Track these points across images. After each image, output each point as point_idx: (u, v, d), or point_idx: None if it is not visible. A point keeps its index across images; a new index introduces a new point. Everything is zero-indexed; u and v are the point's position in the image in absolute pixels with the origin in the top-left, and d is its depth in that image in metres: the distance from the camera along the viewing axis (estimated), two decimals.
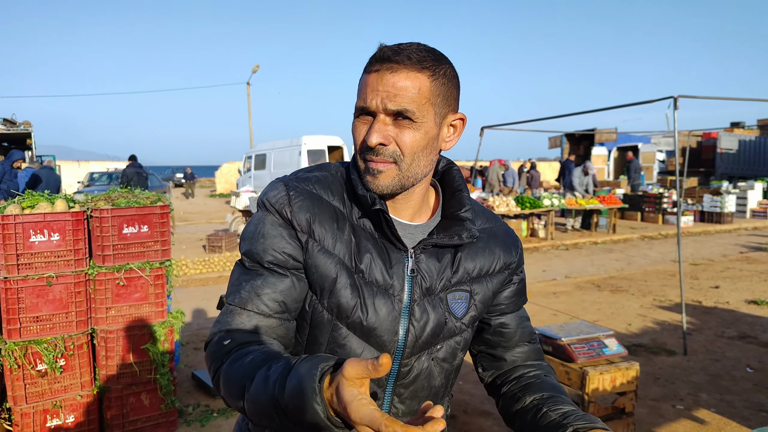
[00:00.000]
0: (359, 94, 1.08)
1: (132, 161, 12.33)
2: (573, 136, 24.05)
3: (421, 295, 1.15)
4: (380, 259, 1.13)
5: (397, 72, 1.04)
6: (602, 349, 3.32)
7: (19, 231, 3.17)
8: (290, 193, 1.12)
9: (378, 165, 1.07)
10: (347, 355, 1.12)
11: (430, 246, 1.15)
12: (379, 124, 1.05)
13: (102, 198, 3.53)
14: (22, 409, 3.20)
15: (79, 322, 3.32)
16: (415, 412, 1.18)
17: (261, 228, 1.12)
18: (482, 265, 1.22)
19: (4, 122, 18.10)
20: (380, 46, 1.07)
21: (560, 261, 10.45)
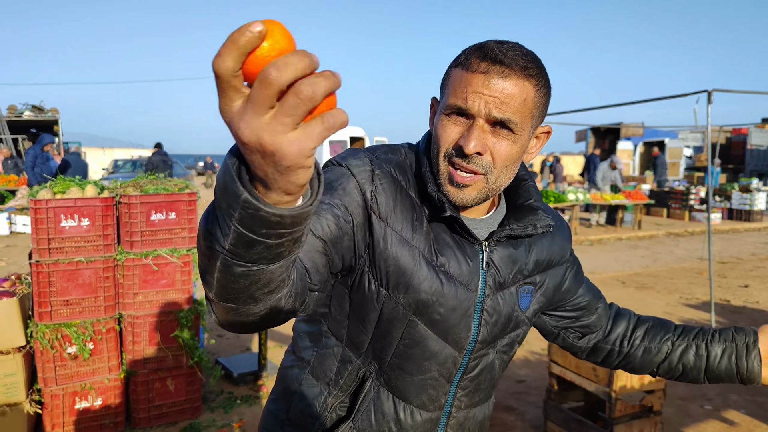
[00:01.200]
0: (455, 92, 0.99)
1: (158, 149, 12.45)
2: (598, 130, 23.74)
3: (494, 288, 1.11)
4: (459, 252, 1.07)
5: (507, 78, 0.96)
6: None
7: (50, 215, 3.20)
8: (375, 171, 1.04)
9: (465, 178, 1.01)
10: (426, 351, 1.09)
11: (504, 238, 1.10)
12: (478, 131, 0.97)
13: (131, 184, 3.55)
14: (52, 390, 3.25)
15: (107, 306, 3.36)
16: (473, 406, 1.20)
17: (343, 183, 1.01)
18: (547, 257, 1.18)
19: (33, 109, 18.43)
20: (487, 43, 0.99)
21: (584, 256, 10.33)
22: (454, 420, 1.18)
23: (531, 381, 4.41)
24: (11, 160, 15.69)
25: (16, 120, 17.90)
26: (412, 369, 1.09)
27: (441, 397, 1.13)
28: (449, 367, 1.11)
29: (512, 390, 4.24)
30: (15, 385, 3.15)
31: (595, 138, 24.29)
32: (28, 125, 18.95)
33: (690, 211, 15.38)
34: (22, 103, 18.26)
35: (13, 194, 12.97)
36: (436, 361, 1.09)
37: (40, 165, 9.90)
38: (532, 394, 4.15)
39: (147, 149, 27.67)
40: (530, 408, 3.94)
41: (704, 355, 1.25)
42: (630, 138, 24.14)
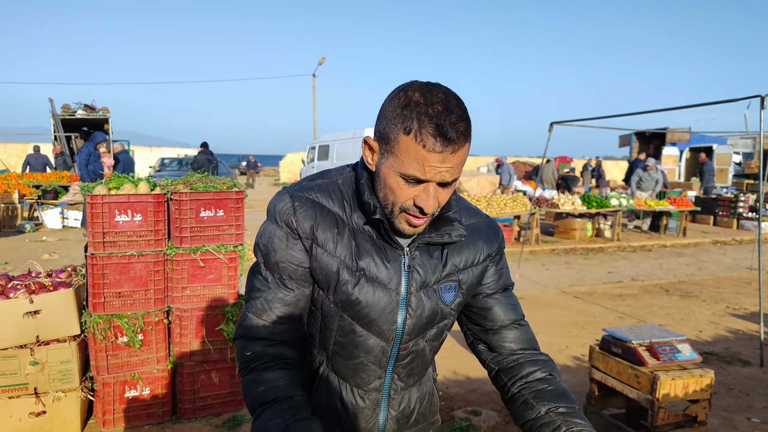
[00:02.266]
0: (411, 163, 1.13)
1: (204, 148, 12.72)
2: (643, 134, 23.23)
3: (417, 287, 1.29)
4: (378, 257, 1.26)
5: (458, 152, 1.13)
6: (675, 354, 3.22)
7: (105, 210, 3.34)
8: (295, 204, 1.26)
9: (421, 222, 1.21)
10: (354, 341, 1.30)
11: (423, 244, 1.29)
12: (435, 193, 1.17)
13: (181, 182, 3.67)
14: (104, 378, 3.38)
15: (156, 299, 3.48)
16: (409, 387, 1.39)
17: (272, 242, 1.27)
18: (467, 258, 1.35)
19: (85, 108, 19.03)
20: (437, 123, 1.10)
21: (626, 263, 10.15)
22: (394, 401, 1.37)
23: (571, 386, 4.37)
24: (61, 157, 16.25)
25: (70, 118, 18.52)
26: (345, 355, 1.32)
27: (374, 380, 1.34)
28: (378, 354, 1.31)
29: None
30: (70, 372, 3.29)
31: (639, 143, 23.79)
32: (81, 123, 19.57)
33: (738, 219, 14.93)
34: (76, 102, 18.89)
35: (66, 190, 13.44)
36: (363, 349, 1.30)
37: (92, 162, 10.23)
38: None
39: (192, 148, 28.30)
40: None
41: None
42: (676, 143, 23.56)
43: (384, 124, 1.16)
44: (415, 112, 1.11)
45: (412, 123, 1.11)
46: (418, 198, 1.17)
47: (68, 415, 3.33)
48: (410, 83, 1.17)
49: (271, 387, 1.21)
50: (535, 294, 7.52)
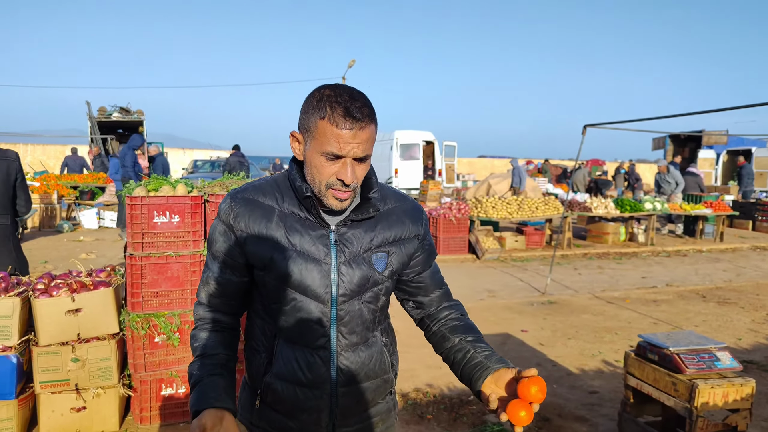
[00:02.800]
0: (329, 142, 1.38)
1: (235, 150, 12.89)
2: (678, 137, 22.78)
3: (346, 258, 1.51)
4: (307, 234, 1.49)
5: (364, 129, 1.39)
6: (714, 362, 3.15)
7: (144, 212, 3.41)
8: (232, 204, 1.52)
9: (344, 195, 1.44)
10: (296, 306, 1.50)
11: (349, 221, 1.53)
12: (352, 167, 1.41)
13: (217, 184, 3.73)
14: (141, 376, 3.46)
15: (193, 299, 3.54)
16: (355, 345, 1.56)
17: (214, 235, 1.55)
18: (396, 233, 1.59)
19: (121, 110, 19.42)
20: (345, 106, 1.37)
21: (661, 268, 9.97)
22: (342, 357, 1.55)
23: (604, 392, 4.32)
24: (99, 158, 16.63)
25: (106, 121, 18.94)
26: (291, 321, 1.51)
27: (320, 338, 1.52)
28: (318, 315, 1.51)
29: (585, 401, 4.16)
30: (109, 370, 3.37)
31: (674, 146, 23.34)
32: (116, 126, 19.98)
33: None
34: (112, 105, 19.30)
35: (102, 191, 13.75)
36: (305, 311, 1.50)
37: (135, 164, 10.49)
38: (605, 406, 4.06)
39: (224, 150, 28.66)
40: (603, 420, 3.86)
41: (461, 362, 1.61)
42: (713, 146, 23.06)
43: (304, 118, 1.43)
44: (327, 102, 1.38)
45: (326, 110, 1.37)
46: (339, 173, 1.41)
47: (107, 411, 3.41)
48: (320, 86, 1.44)
49: (203, 344, 1.54)
50: (567, 299, 7.44)
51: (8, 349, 3.17)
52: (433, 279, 1.73)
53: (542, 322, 6.29)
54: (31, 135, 30.37)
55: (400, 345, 1.92)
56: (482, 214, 10.72)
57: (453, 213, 10.41)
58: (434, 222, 10.47)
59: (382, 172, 18.08)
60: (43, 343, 3.25)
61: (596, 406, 4.09)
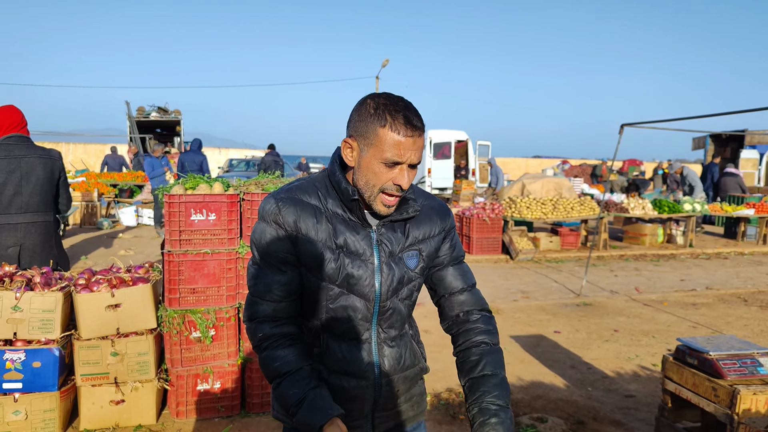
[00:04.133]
0: (390, 149, 1.45)
1: (271, 150, 13.02)
2: (719, 137, 22.19)
3: (386, 257, 1.59)
4: (352, 235, 1.56)
5: (421, 136, 1.48)
6: (756, 367, 3.06)
7: (182, 209, 3.48)
8: (279, 204, 1.54)
9: (394, 202, 1.52)
10: (343, 304, 1.57)
11: (388, 222, 1.60)
12: (408, 173, 1.50)
13: (253, 183, 3.78)
14: (178, 371, 3.52)
15: (228, 296, 3.59)
16: (393, 338, 1.65)
17: (264, 236, 1.56)
18: (425, 231, 1.67)
19: (159, 110, 19.83)
20: (404, 114, 1.45)
21: (700, 271, 9.73)
22: (383, 347, 1.64)
23: (641, 396, 4.23)
24: (137, 157, 17.00)
25: (144, 120, 19.35)
26: (337, 317, 1.58)
27: (363, 332, 1.61)
28: (364, 312, 1.58)
29: (620, 404, 4.09)
30: (147, 364, 3.44)
31: (714, 146, 22.76)
32: (154, 125, 20.41)
33: None
34: (150, 105, 19.72)
35: (141, 189, 14.05)
36: (351, 309, 1.58)
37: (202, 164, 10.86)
38: (641, 411, 3.99)
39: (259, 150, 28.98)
40: (640, 425, 3.78)
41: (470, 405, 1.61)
42: (756, 146, 22.39)
43: (360, 125, 1.49)
44: (386, 110, 1.45)
45: (385, 118, 1.45)
46: (396, 178, 1.48)
47: (145, 404, 3.48)
48: (372, 94, 1.51)
49: (285, 362, 1.54)
50: (603, 300, 7.31)
51: (51, 342, 3.27)
52: (460, 277, 1.76)
53: (577, 324, 6.20)
54: (73, 134, 31.28)
55: (432, 345, 1.95)
56: (516, 215, 10.61)
57: (486, 213, 10.33)
58: (467, 222, 10.41)
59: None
60: (84, 336, 3.34)
61: (632, 410, 4.01)
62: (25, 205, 3.81)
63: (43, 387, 3.24)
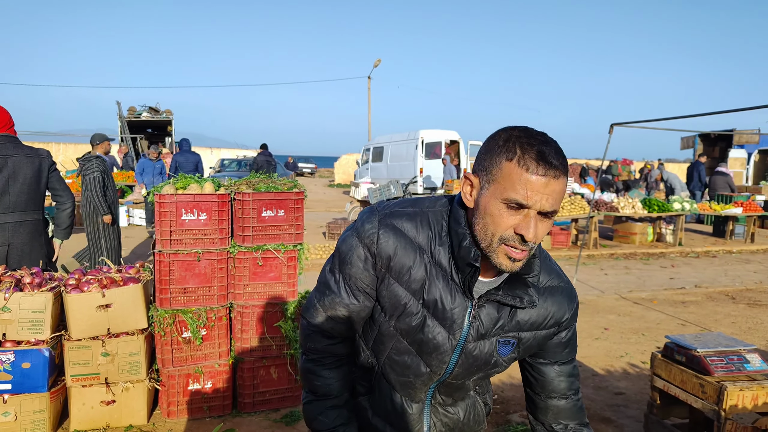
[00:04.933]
0: (514, 187, 1.15)
1: (263, 149, 12.99)
2: (708, 136, 22.35)
3: (475, 337, 1.34)
4: (447, 299, 1.31)
5: (558, 179, 1.15)
6: (743, 364, 3.10)
7: (173, 209, 3.47)
8: (380, 231, 1.32)
9: (520, 254, 1.20)
10: (406, 362, 1.40)
11: (494, 300, 1.32)
12: (535, 221, 1.17)
13: (244, 182, 3.78)
14: (169, 371, 3.52)
15: (219, 296, 3.59)
16: (452, 404, 1.49)
17: (351, 256, 1.35)
18: (535, 320, 1.37)
19: (150, 110, 19.74)
20: (539, 149, 1.15)
21: (689, 269, 9.81)
22: (438, 411, 1.49)
23: (630, 394, 4.27)
24: (127, 157, 16.93)
25: (135, 120, 19.27)
26: (396, 370, 1.43)
27: (420, 394, 1.45)
28: (425, 379, 1.42)
29: (610, 402, 4.12)
30: (138, 364, 3.44)
31: (703, 145, 22.93)
32: (146, 125, 20.32)
33: None
34: (141, 104, 19.63)
35: (132, 189, 13.99)
36: (412, 372, 1.41)
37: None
38: (631, 408, 4.02)
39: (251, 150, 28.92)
40: (629, 422, 3.82)
41: None
42: (744, 146, 22.58)
43: (485, 158, 1.22)
44: (518, 143, 1.17)
45: (515, 151, 1.16)
46: (519, 226, 1.18)
47: (136, 404, 3.47)
48: (507, 127, 1.23)
49: (325, 384, 1.45)
50: (594, 299, 7.36)
51: (41, 343, 3.26)
52: (566, 381, 1.47)
53: None
54: (63, 134, 31.09)
55: None
56: None
57: None
58: None
59: (407, 171, 18.08)
60: (74, 337, 3.33)
61: (622, 407, 4.04)
62: (12, 205, 3.80)
63: (32, 388, 3.22)
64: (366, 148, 21.21)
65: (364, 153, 21.22)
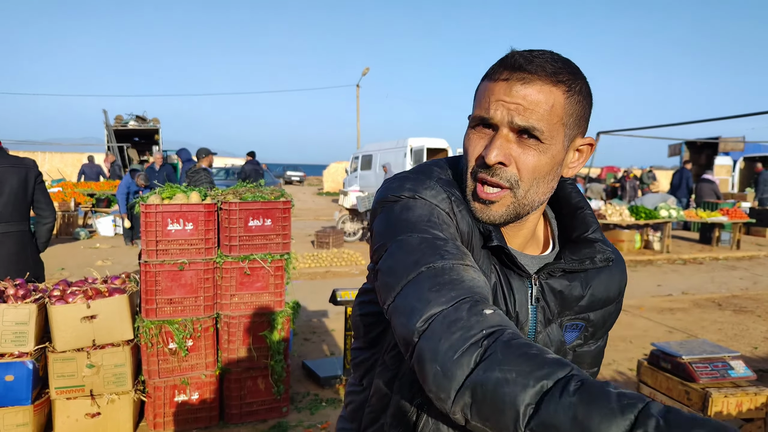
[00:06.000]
0: (479, 103, 0.96)
1: (251, 158, 12.96)
2: (694, 144, 22.60)
3: (544, 323, 1.05)
4: (504, 284, 1.01)
5: (530, 83, 0.91)
6: (727, 370, 3.12)
7: (158, 219, 3.46)
8: (452, 199, 0.98)
9: (490, 194, 0.96)
10: None
11: (559, 272, 1.04)
12: (501, 140, 0.93)
13: (230, 192, 3.77)
14: (155, 382, 3.49)
15: (206, 306, 3.57)
16: None
17: (440, 216, 0.96)
18: (608, 293, 1.10)
19: (137, 119, 19.67)
20: (510, 52, 0.95)
21: (677, 276, 9.88)
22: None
23: None
24: (114, 166, 16.85)
25: (122, 129, 19.19)
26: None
27: None
28: None
29: None
30: (123, 376, 3.40)
31: (690, 152, 23.17)
32: (133, 134, 20.25)
33: None
34: (128, 113, 19.55)
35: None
36: None
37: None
38: None
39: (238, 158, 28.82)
40: None
41: None
42: (729, 153, 22.85)
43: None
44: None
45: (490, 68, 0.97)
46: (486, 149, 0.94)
47: (121, 416, 3.44)
48: None
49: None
50: None
51: (24, 355, 3.22)
52: (598, 354, 1.19)
53: None
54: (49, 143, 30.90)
55: None
56: None
57: None
58: None
59: None
60: (59, 349, 3.29)
61: None
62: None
63: (16, 401, 3.18)
64: (355, 156, 21.23)
65: (353, 161, 21.25)
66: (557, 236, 1.13)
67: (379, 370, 1.09)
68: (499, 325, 0.78)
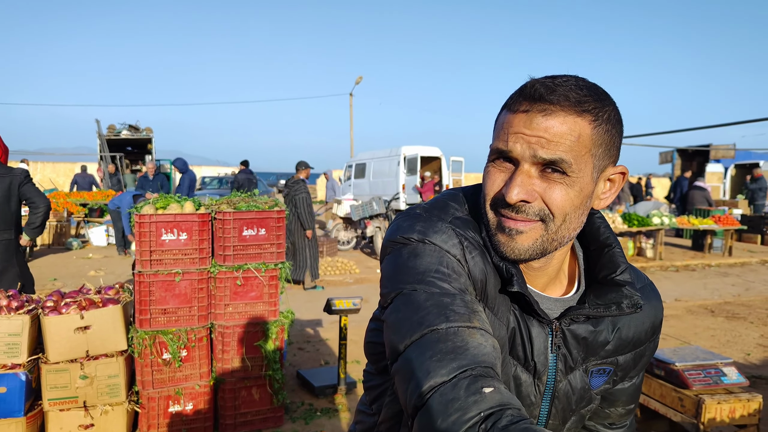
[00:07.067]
0: (497, 135, 0.91)
1: (244, 167, 12.96)
2: (686, 151, 22.76)
3: (564, 372, 1.00)
4: (523, 331, 0.97)
5: (552, 115, 0.86)
6: (720, 377, 3.14)
7: (152, 229, 3.45)
8: (464, 244, 0.94)
9: (518, 223, 0.90)
10: None
11: (581, 318, 0.98)
12: (522, 176, 0.88)
13: (225, 201, 3.77)
14: (149, 393, 3.48)
15: (200, 316, 3.57)
16: None
17: (450, 265, 0.91)
18: (639, 336, 1.05)
19: (130, 128, 19.64)
20: (530, 81, 0.89)
21: (669, 283, 9.91)
22: None
23: None
24: (115, 176, 16.84)
25: (115, 138, 19.14)
26: None
27: None
28: None
29: None
30: (117, 386, 3.39)
31: (681, 160, 23.33)
32: (126, 143, 20.20)
33: None
34: (121, 123, 19.52)
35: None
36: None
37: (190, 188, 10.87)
38: None
39: (232, 167, 28.80)
40: None
41: None
42: (720, 160, 23.01)
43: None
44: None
45: (510, 97, 0.92)
46: (504, 185, 0.90)
47: (115, 428, 3.42)
48: None
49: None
50: None
51: (17, 367, 3.20)
52: (634, 392, 1.13)
53: None
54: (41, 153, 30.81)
55: None
56: None
57: None
58: None
59: (389, 188, 18.13)
60: (52, 360, 3.28)
61: None
62: None
63: (8, 413, 3.16)
64: (348, 164, 21.26)
65: (347, 170, 21.27)
66: (584, 274, 1.06)
67: (388, 400, 1.07)
68: (499, 405, 0.73)
